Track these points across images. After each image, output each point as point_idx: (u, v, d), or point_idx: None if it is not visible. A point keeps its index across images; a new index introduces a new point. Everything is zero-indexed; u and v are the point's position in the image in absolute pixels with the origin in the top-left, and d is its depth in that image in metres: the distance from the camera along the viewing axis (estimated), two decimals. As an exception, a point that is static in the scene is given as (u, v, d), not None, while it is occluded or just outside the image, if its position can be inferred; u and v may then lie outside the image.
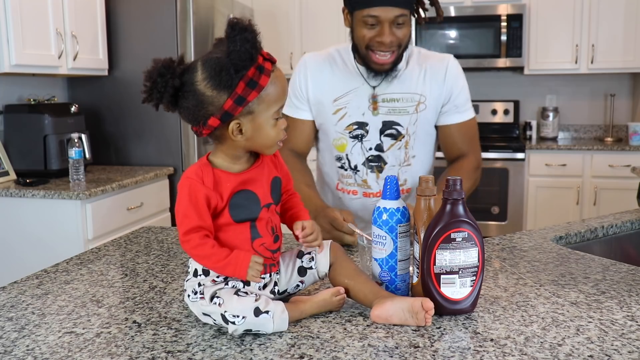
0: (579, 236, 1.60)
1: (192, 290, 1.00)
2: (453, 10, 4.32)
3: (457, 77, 1.66)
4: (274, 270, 1.05)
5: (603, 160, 4.04)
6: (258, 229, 1.00)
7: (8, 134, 2.94)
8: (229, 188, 0.98)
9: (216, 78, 0.93)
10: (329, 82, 1.67)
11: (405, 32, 1.52)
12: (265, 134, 0.98)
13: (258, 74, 0.93)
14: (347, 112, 1.65)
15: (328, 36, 4.39)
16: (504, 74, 4.73)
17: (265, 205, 1.01)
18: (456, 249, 1.00)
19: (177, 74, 0.95)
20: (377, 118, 1.63)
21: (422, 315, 0.96)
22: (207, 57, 0.96)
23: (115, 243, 1.55)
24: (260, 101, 0.95)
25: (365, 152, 1.66)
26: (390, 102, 1.63)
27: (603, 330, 0.95)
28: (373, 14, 1.47)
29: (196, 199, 0.95)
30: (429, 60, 1.66)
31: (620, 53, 4.16)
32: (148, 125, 3.34)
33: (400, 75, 1.63)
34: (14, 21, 2.59)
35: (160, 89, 0.94)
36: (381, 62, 1.54)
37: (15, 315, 1.06)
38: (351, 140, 1.66)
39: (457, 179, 1.01)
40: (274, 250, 1.03)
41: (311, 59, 1.71)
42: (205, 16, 3.41)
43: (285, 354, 0.88)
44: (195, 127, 0.98)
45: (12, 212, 2.64)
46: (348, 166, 1.70)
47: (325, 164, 1.78)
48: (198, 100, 0.94)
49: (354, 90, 1.64)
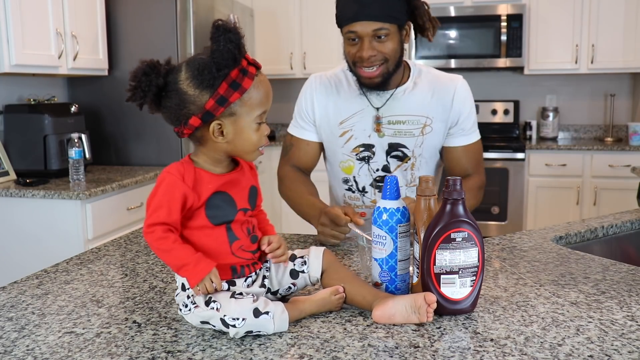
0: (579, 236, 1.60)
1: (182, 303, 0.99)
2: (453, 10, 4.32)
3: (465, 100, 1.64)
4: (258, 268, 1.04)
5: (603, 160, 4.04)
6: (234, 231, 1.00)
7: (8, 134, 2.94)
8: (210, 189, 0.98)
9: (199, 77, 0.93)
10: (335, 105, 1.67)
11: (391, 45, 1.50)
12: (247, 138, 0.98)
13: (241, 76, 0.94)
14: (353, 135, 1.65)
15: (328, 36, 4.38)
16: (504, 74, 4.73)
17: (241, 209, 1.01)
18: (456, 249, 1.00)
19: (162, 73, 0.96)
20: (383, 140, 1.63)
21: (425, 309, 0.96)
22: (192, 58, 0.97)
23: (115, 243, 1.55)
24: (243, 103, 0.95)
25: (373, 173, 1.66)
26: (395, 124, 1.62)
27: (603, 330, 0.95)
28: (353, 30, 1.49)
29: (171, 195, 0.95)
30: (438, 81, 1.65)
31: (620, 53, 4.16)
32: (148, 125, 3.34)
33: (407, 96, 1.62)
34: (14, 21, 2.59)
35: (144, 88, 0.95)
36: (367, 76, 1.54)
37: (15, 315, 1.06)
38: (358, 162, 1.67)
39: (457, 179, 1.01)
40: (253, 250, 1.03)
41: (317, 81, 1.71)
42: (205, 16, 3.41)
43: (285, 354, 0.88)
44: (177, 127, 0.98)
45: (12, 212, 2.64)
46: (356, 188, 1.69)
47: (333, 186, 1.78)
48: (180, 99, 0.95)
49: (359, 112, 1.64)
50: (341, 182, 1.71)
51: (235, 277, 1.00)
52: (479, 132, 1.70)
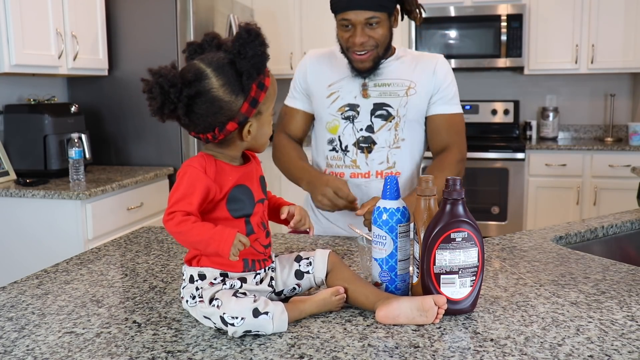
0: (579, 236, 1.60)
1: (190, 295, 1.00)
2: (453, 10, 4.32)
3: (447, 72, 1.74)
4: (268, 265, 1.06)
5: (603, 160, 4.04)
6: (252, 224, 1.02)
7: (8, 134, 2.93)
8: (231, 181, 0.99)
9: (235, 83, 0.95)
10: (326, 71, 1.77)
11: (381, 32, 1.62)
12: (266, 132, 1.03)
13: (263, 75, 0.98)
14: (340, 95, 1.73)
15: (328, 36, 4.37)
16: (504, 74, 4.73)
17: (258, 201, 1.03)
18: (456, 249, 1.00)
19: (192, 82, 0.94)
20: (368, 100, 1.71)
21: (434, 312, 0.97)
22: (216, 62, 0.96)
23: (115, 243, 1.55)
24: (265, 101, 0.99)
25: (356, 132, 1.72)
26: (381, 86, 1.71)
27: (603, 330, 0.95)
28: (346, 17, 1.60)
29: (194, 187, 0.95)
30: (421, 56, 1.77)
31: (620, 53, 4.16)
32: (148, 125, 3.34)
33: (392, 65, 1.72)
34: (14, 21, 2.59)
35: (174, 99, 0.93)
36: (359, 59, 1.65)
37: (15, 315, 1.06)
38: (343, 121, 1.73)
39: (457, 179, 1.01)
40: (266, 245, 1.05)
41: (313, 53, 1.85)
42: (205, 16, 3.41)
43: (285, 354, 0.88)
44: (206, 133, 0.97)
45: (12, 212, 2.64)
46: (339, 147, 1.75)
47: (316, 154, 1.85)
48: (215, 106, 0.95)
49: (347, 77, 1.73)
50: (326, 143, 1.78)
51: (247, 270, 1.01)
52: (462, 110, 1.80)
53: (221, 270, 1.00)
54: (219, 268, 1.00)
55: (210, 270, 1.00)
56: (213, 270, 1.00)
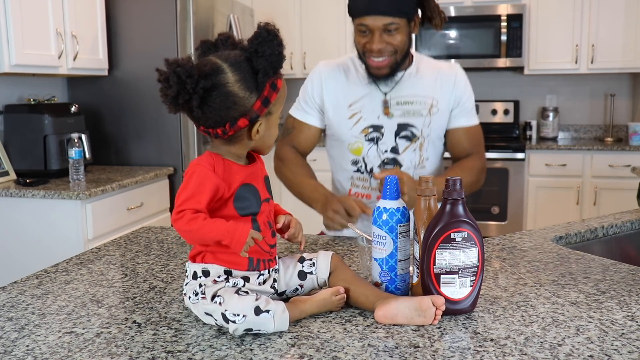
0: (579, 236, 1.60)
1: (192, 292, 1.00)
2: (453, 10, 4.32)
3: (465, 84, 1.73)
4: (272, 266, 1.06)
5: (603, 160, 4.04)
6: (259, 222, 1.02)
7: (8, 134, 2.94)
8: (238, 179, 1.00)
9: (250, 80, 0.96)
10: (343, 88, 1.71)
11: (400, 38, 1.57)
12: (273, 133, 1.04)
13: (277, 76, 0.99)
14: (362, 116, 1.68)
15: (328, 36, 4.39)
16: (504, 74, 4.73)
17: (264, 200, 1.04)
18: (456, 249, 1.00)
19: (209, 75, 0.94)
20: (391, 121, 1.66)
21: (432, 312, 0.97)
22: (232, 58, 0.97)
23: (115, 243, 1.55)
24: (275, 102, 1.00)
25: (381, 154, 1.68)
26: (404, 104, 1.67)
27: (603, 330, 0.95)
28: (364, 23, 1.55)
29: (203, 186, 0.96)
30: (439, 68, 1.73)
31: (620, 53, 4.16)
32: (148, 125, 3.34)
33: (413, 80, 1.68)
34: (14, 21, 2.59)
35: (190, 90, 0.92)
36: (376, 65, 1.60)
37: (15, 315, 1.06)
38: (367, 143, 1.68)
39: (457, 179, 1.01)
40: (272, 245, 1.05)
41: (326, 67, 1.76)
42: (205, 16, 3.41)
43: (285, 354, 0.88)
44: (217, 128, 0.97)
45: (12, 212, 2.64)
46: (364, 169, 1.71)
47: (338, 171, 1.80)
48: (229, 101, 0.95)
49: (367, 95, 1.68)
50: (350, 164, 1.73)
51: (251, 269, 1.01)
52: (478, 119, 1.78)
53: (225, 268, 1.00)
54: (223, 265, 1.00)
55: (215, 267, 1.00)
56: (217, 267, 1.00)
